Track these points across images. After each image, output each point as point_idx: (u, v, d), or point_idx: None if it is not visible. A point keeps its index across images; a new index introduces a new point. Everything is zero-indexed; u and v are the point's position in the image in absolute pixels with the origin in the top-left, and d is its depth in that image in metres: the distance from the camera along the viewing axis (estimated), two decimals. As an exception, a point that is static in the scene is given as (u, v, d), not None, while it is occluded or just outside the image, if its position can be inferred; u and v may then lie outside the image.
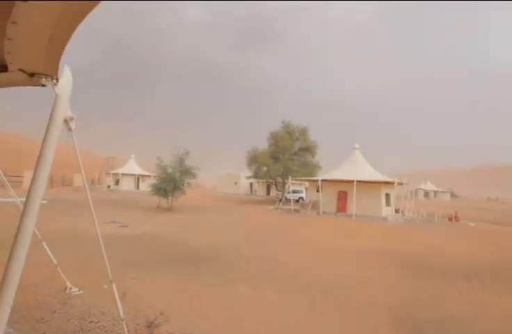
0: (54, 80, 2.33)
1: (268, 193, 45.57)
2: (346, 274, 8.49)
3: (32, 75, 2.26)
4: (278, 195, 33.81)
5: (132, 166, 42.78)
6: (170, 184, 21.97)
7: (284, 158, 32.64)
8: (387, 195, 23.67)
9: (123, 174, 41.27)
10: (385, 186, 23.24)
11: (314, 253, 11.04)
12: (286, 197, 29.46)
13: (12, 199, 5.07)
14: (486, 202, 66.20)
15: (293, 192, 30.21)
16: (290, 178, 27.27)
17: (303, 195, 34.94)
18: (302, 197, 34.74)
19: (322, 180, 24.38)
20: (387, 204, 23.66)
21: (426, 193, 66.73)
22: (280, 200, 28.64)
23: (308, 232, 15.99)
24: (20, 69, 2.18)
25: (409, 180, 26.26)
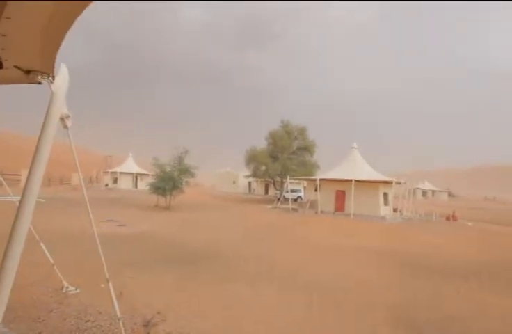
0: (50, 78, 2.31)
1: (266, 192, 45.59)
2: (345, 273, 8.49)
3: (28, 72, 2.24)
4: (276, 194, 33.80)
5: (130, 165, 42.76)
6: (169, 183, 21.94)
7: (282, 157, 32.61)
8: (385, 194, 23.70)
9: (121, 172, 41.22)
10: (383, 186, 23.28)
11: (313, 252, 11.05)
12: (284, 196, 29.50)
13: (10, 197, 5.03)
14: (483, 202, 66.38)
15: (291, 191, 30.24)
16: (288, 177, 27.28)
17: (301, 194, 34.98)
18: (300, 196, 34.76)
19: (320, 179, 24.39)
20: (385, 203, 23.69)
21: (424, 193, 66.90)
22: (279, 199, 28.66)
23: (306, 231, 15.99)
24: (15, 66, 2.15)
25: (409, 180, 26.33)
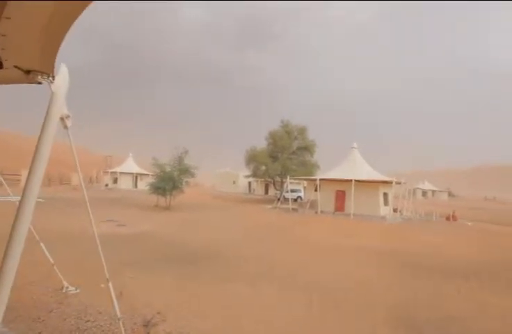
0: (50, 78, 2.31)
1: (266, 192, 45.54)
2: (345, 273, 8.49)
3: (28, 72, 2.24)
4: (276, 194, 33.79)
5: (130, 165, 42.73)
6: (169, 183, 21.93)
7: (282, 157, 32.59)
8: (385, 194, 23.70)
9: (121, 172, 41.20)
10: (383, 186, 23.27)
11: (313, 252, 11.04)
12: (284, 196, 29.49)
13: (10, 197, 5.03)
14: (483, 202, 66.39)
15: (291, 191, 30.23)
16: (288, 177, 27.27)
17: (301, 194, 34.95)
18: (300, 196, 34.74)
19: (320, 179, 24.38)
20: (385, 203, 23.68)
21: (424, 193, 66.87)
22: (279, 199, 28.65)
23: (306, 231, 15.99)
24: (15, 66, 2.15)
25: (409, 180, 26.32)
